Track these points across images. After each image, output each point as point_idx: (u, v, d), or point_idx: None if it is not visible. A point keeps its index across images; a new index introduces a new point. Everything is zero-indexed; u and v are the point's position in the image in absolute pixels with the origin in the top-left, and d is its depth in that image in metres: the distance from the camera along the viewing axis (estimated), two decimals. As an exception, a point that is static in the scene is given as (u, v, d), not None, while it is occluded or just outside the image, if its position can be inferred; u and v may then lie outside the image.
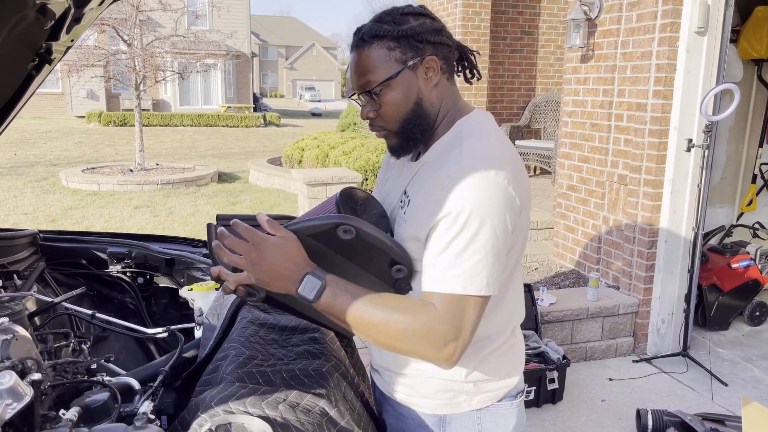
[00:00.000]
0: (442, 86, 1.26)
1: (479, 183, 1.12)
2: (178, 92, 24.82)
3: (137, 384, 1.45)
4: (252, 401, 1.11)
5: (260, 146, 16.27)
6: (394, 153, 1.32)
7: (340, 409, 1.20)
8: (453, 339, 1.12)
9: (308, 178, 6.26)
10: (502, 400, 1.33)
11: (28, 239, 2.01)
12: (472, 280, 1.12)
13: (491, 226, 1.12)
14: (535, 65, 7.61)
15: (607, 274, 4.24)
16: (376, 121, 1.27)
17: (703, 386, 3.53)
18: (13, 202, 8.39)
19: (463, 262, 1.12)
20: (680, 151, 3.66)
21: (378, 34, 1.20)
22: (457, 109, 1.29)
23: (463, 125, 1.26)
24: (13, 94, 1.96)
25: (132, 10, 9.71)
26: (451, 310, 1.13)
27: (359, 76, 1.23)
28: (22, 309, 1.39)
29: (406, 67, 1.21)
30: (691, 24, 3.52)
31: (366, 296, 1.14)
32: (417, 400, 1.33)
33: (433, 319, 1.13)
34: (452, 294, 1.12)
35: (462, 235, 1.12)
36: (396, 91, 1.22)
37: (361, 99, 1.26)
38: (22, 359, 1.16)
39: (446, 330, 1.12)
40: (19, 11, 1.55)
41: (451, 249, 1.12)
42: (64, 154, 13.59)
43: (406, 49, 1.20)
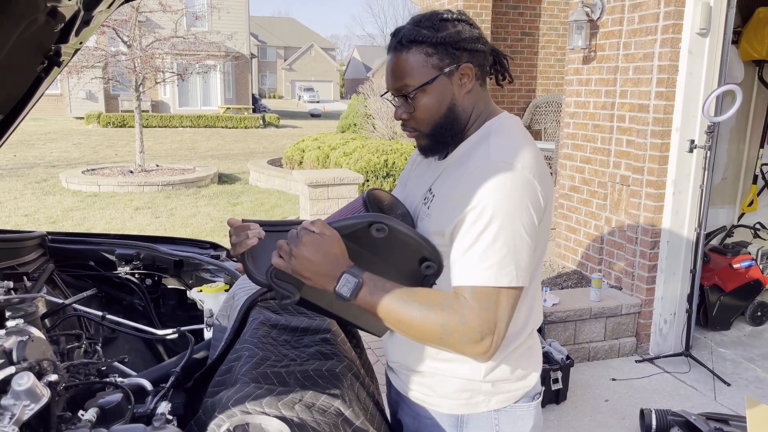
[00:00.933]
0: (475, 92, 1.29)
1: (506, 176, 1.15)
2: (177, 93, 24.81)
3: (149, 385, 1.45)
4: (268, 401, 1.11)
5: (260, 147, 16.28)
6: (423, 153, 1.36)
7: (354, 410, 1.21)
8: (489, 332, 1.14)
9: (310, 179, 6.27)
10: (519, 401, 1.34)
11: (36, 241, 2.02)
12: (503, 271, 1.14)
13: (518, 218, 1.14)
14: (535, 66, 7.62)
15: (609, 275, 4.25)
16: (408, 122, 1.31)
17: (705, 386, 3.54)
18: (14, 203, 8.38)
19: (492, 255, 1.13)
20: (682, 152, 3.68)
21: (417, 39, 1.23)
22: (488, 112, 1.32)
23: (492, 124, 1.30)
24: (22, 96, 1.97)
25: (132, 12, 9.71)
26: (484, 303, 1.14)
27: (396, 78, 1.26)
28: (35, 311, 1.40)
29: (443, 73, 1.24)
30: (693, 25, 3.53)
31: (402, 293, 1.16)
32: (434, 400, 1.33)
33: (469, 313, 1.14)
34: (484, 287, 1.14)
35: (490, 227, 1.13)
36: (431, 96, 1.25)
37: (395, 100, 1.30)
38: (39, 360, 1.16)
39: (482, 323, 1.13)
40: (31, 14, 1.55)
41: (480, 242, 1.14)
42: (64, 155, 13.59)
43: (443, 56, 1.23)
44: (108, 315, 1.75)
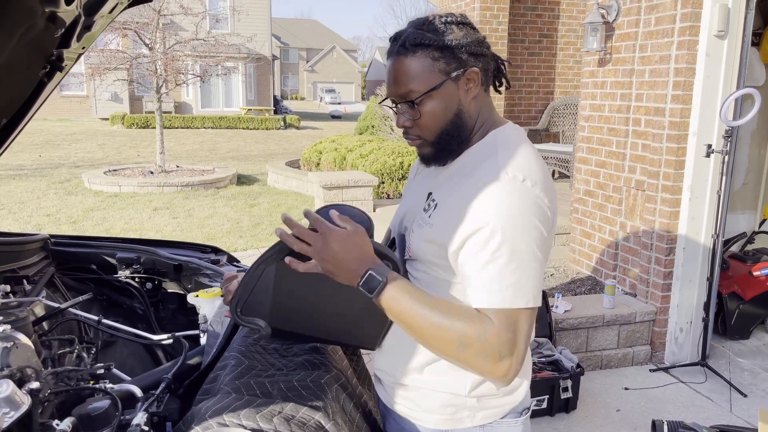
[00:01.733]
0: (480, 98, 1.25)
1: (517, 194, 1.13)
2: (199, 95, 25.07)
3: (139, 391, 1.45)
4: (246, 413, 1.10)
5: (279, 148, 16.36)
6: (426, 161, 1.31)
7: (337, 422, 1.19)
8: (508, 354, 1.11)
9: (324, 181, 6.28)
10: (506, 417, 1.31)
11: (38, 244, 2.03)
12: (521, 291, 1.12)
13: (530, 236, 1.12)
14: (553, 68, 7.54)
15: (624, 281, 4.17)
16: (412, 130, 1.26)
17: (721, 397, 3.46)
18: (37, 203, 8.52)
19: (510, 275, 1.11)
20: (699, 156, 3.60)
21: (422, 42, 1.18)
22: (492, 120, 1.29)
23: (498, 135, 1.26)
24: (25, 100, 1.99)
25: (154, 15, 9.82)
26: (504, 324, 1.12)
27: (399, 84, 1.21)
28: (26, 315, 1.41)
29: (450, 78, 1.19)
30: (710, 27, 3.45)
31: (425, 298, 1.14)
32: (419, 414, 1.31)
33: (489, 331, 1.11)
34: (504, 309, 1.12)
35: (504, 247, 1.11)
36: (437, 102, 1.21)
37: (398, 107, 1.25)
38: (21, 368, 1.16)
39: (501, 344, 1.11)
40: (29, 19, 1.56)
41: (496, 262, 1.11)
42: (88, 156, 13.80)
43: (450, 60, 1.19)
44: (104, 319, 1.76)
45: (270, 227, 7.27)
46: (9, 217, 7.63)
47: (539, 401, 3.22)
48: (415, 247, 1.26)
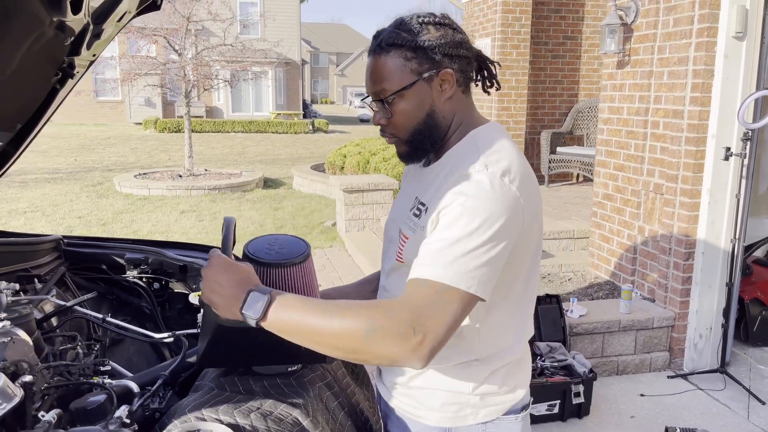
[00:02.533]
0: (456, 99, 1.25)
1: (491, 186, 1.11)
2: (230, 99, 25.46)
3: (136, 387, 1.50)
4: (225, 409, 1.13)
5: (307, 152, 16.52)
6: (402, 159, 1.33)
7: (316, 420, 1.21)
8: (422, 329, 1.03)
9: (345, 184, 6.33)
10: (507, 414, 1.32)
11: (52, 245, 2.11)
12: (463, 275, 1.07)
13: (493, 229, 1.09)
14: (578, 70, 7.47)
15: (642, 286, 4.11)
16: (387, 128, 1.27)
17: (739, 404, 3.38)
18: (69, 205, 8.77)
19: (456, 256, 1.08)
20: (718, 159, 3.53)
21: (396, 42, 1.19)
22: (471, 120, 1.29)
23: (478, 134, 1.26)
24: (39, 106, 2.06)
25: (183, 21, 10.03)
26: (426, 298, 1.06)
27: (374, 82, 1.23)
28: (29, 312, 1.46)
29: (421, 78, 1.20)
30: (728, 28, 3.39)
31: (318, 303, 1.09)
32: (422, 412, 1.32)
33: (398, 307, 1.05)
34: (434, 281, 1.07)
35: (460, 229, 1.09)
36: (409, 101, 1.21)
37: (374, 105, 1.27)
38: (15, 361, 1.22)
39: (413, 317, 1.04)
40: (37, 28, 1.63)
41: (446, 240, 1.09)
42: (121, 159, 14.13)
43: (422, 61, 1.19)
44: (110, 318, 1.81)
45: (293, 230, 7.35)
46: (42, 219, 7.87)
47: (551, 406, 3.20)
48: (408, 252, 1.24)
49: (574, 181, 7.62)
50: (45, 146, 15.94)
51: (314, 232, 7.21)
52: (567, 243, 5.14)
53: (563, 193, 6.92)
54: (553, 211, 5.84)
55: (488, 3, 6.87)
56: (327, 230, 7.26)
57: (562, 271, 4.78)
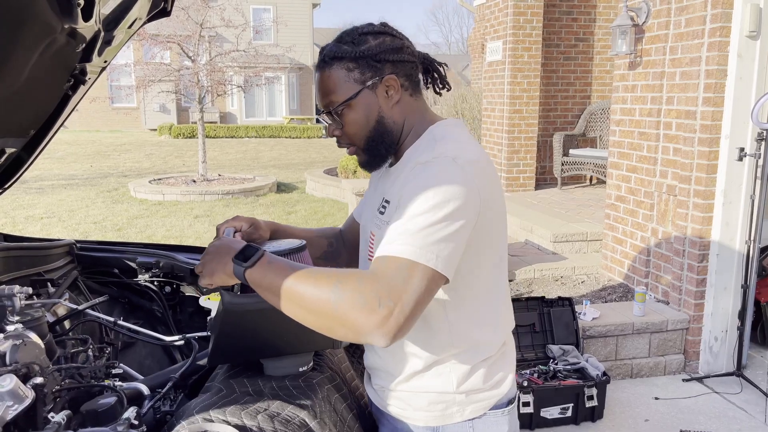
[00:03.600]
0: (404, 103, 1.29)
1: (444, 168, 1.15)
2: (243, 105, 25.62)
3: (147, 390, 1.51)
4: (232, 410, 1.14)
5: (320, 157, 16.56)
6: (364, 168, 1.37)
7: (323, 421, 1.22)
8: (388, 301, 1.03)
9: (356, 188, 6.34)
10: (494, 409, 1.34)
11: (65, 249, 2.13)
12: (425, 249, 1.08)
13: (450, 207, 1.11)
14: (590, 72, 7.43)
15: (656, 288, 4.08)
16: (342, 138, 1.32)
17: (756, 408, 3.34)
18: (85, 211, 8.86)
19: (414, 232, 1.09)
20: (732, 160, 3.50)
21: (337, 55, 1.24)
22: (425, 121, 1.32)
23: (435, 130, 1.30)
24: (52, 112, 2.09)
25: (196, 27, 10.12)
26: (392, 273, 1.06)
27: (322, 96, 1.28)
28: (41, 315, 1.48)
29: (365, 87, 1.24)
30: (742, 28, 3.36)
31: (302, 269, 1.12)
32: (410, 413, 1.34)
33: (367, 279, 1.06)
34: (400, 257, 1.08)
35: (416, 208, 1.11)
36: (356, 110, 1.26)
37: (326, 118, 1.32)
38: (27, 363, 1.24)
39: (379, 289, 1.04)
40: (49, 35, 1.65)
41: (404, 219, 1.11)
42: (136, 165, 14.26)
43: (364, 70, 1.24)
44: (122, 321, 1.83)
45: (305, 234, 7.37)
46: (59, 225, 7.96)
47: (564, 409, 3.18)
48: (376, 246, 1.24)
49: (587, 184, 7.57)
50: (61, 153, 16.14)
51: (327, 236, 7.22)
52: (580, 245, 5.11)
53: (576, 195, 6.89)
54: (566, 214, 5.80)
55: (499, 6, 6.86)
56: (339, 234, 7.27)
57: (575, 274, 4.75)
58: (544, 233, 5.21)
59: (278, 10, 24.38)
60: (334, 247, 1.62)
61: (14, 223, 8.03)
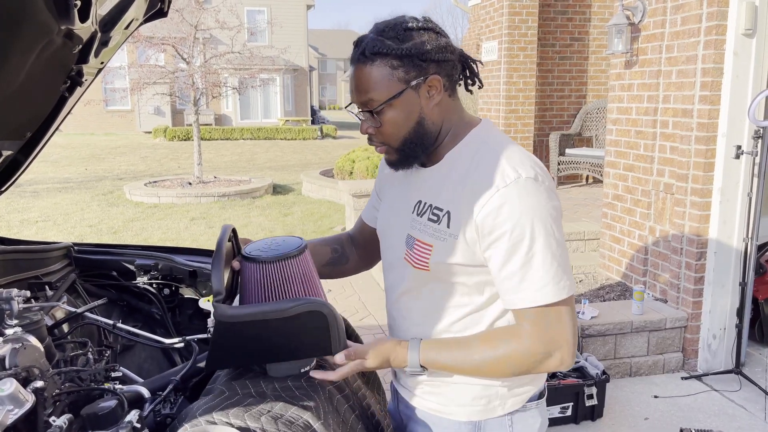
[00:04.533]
0: (444, 103, 1.24)
1: (533, 193, 1.16)
2: (239, 107, 25.58)
3: (147, 392, 1.50)
4: (235, 412, 1.13)
5: (316, 158, 16.55)
6: (393, 166, 1.31)
7: (327, 422, 1.21)
8: (556, 348, 1.17)
9: (353, 189, 6.33)
10: (529, 401, 1.35)
11: (62, 252, 2.12)
12: (559, 285, 1.16)
13: (553, 229, 1.16)
14: (585, 72, 7.45)
15: (654, 287, 4.08)
16: (376, 137, 1.27)
17: (756, 405, 3.34)
18: (80, 214, 8.83)
19: (546, 272, 1.15)
20: (729, 158, 3.50)
21: (381, 51, 1.18)
22: (462, 122, 1.28)
23: (480, 134, 1.27)
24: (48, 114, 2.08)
25: (190, 29, 10.09)
26: (543, 324, 1.17)
27: (360, 92, 1.22)
28: (40, 319, 1.47)
29: (409, 87, 1.19)
30: (737, 26, 3.37)
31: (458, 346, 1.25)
32: (452, 409, 1.33)
33: (528, 339, 1.17)
34: (542, 306, 1.16)
35: (533, 246, 1.14)
36: (398, 110, 1.21)
37: (361, 115, 1.26)
38: (27, 367, 1.22)
39: (545, 344, 1.17)
40: (45, 36, 1.64)
41: (529, 263, 1.15)
42: (131, 168, 14.22)
43: (409, 69, 1.18)
44: (119, 323, 1.82)
45: (302, 235, 7.36)
46: (54, 228, 7.93)
47: (563, 408, 3.18)
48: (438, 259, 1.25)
49: (583, 183, 7.59)
50: (56, 156, 16.08)
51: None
52: (577, 245, 5.12)
53: (573, 194, 6.89)
54: (563, 213, 5.80)
55: (495, 6, 6.86)
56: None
57: (573, 273, 4.74)
58: (541, 233, 5.20)
59: (272, 11, 24.36)
60: (339, 252, 1.59)
61: (9, 226, 7.99)
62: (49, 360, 1.48)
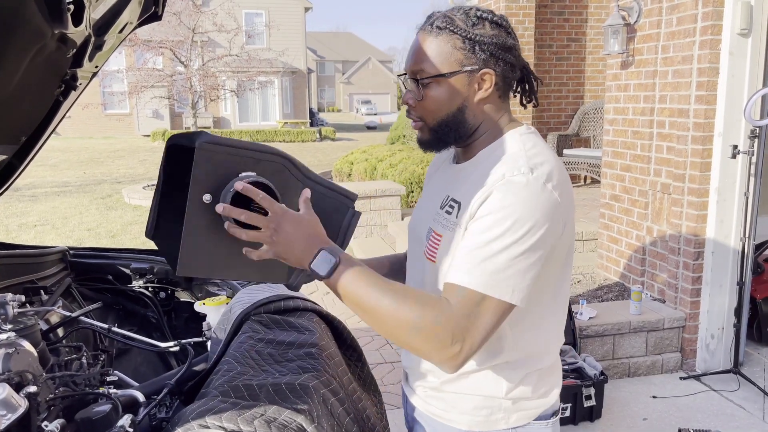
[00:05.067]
0: (491, 101, 1.22)
1: (536, 192, 1.11)
2: (237, 109, 25.59)
3: (142, 396, 1.50)
4: (228, 416, 1.13)
5: (315, 160, 16.54)
6: (422, 146, 1.30)
7: (321, 425, 1.21)
8: (460, 339, 1.08)
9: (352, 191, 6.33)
10: (538, 419, 1.30)
11: (58, 256, 2.12)
12: (501, 283, 1.09)
13: (535, 237, 1.10)
14: (583, 72, 7.45)
15: (652, 287, 4.08)
16: (415, 110, 1.24)
17: (754, 405, 3.34)
18: (79, 218, 8.82)
19: (497, 264, 1.09)
20: (725, 157, 3.50)
21: (449, 27, 1.17)
22: (504, 123, 1.26)
23: (515, 135, 1.24)
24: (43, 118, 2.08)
25: (188, 33, 10.10)
26: (466, 309, 1.08)
27: (415, 61, 1.21)
28: (34, 323, 1.47)
29: (462, 71, 1.18)
30: (733, 26, 3.38)
31: (379, 281, 1.11)
32: (453, 416, 1.30)
33: (445, 314, 1.08)
34: (474, 291, 1.09)
35: (504, 237, 1.09)
36: (443, 89, 1.19)
37: (408, 83, 1.24)
38: (20, 372, 1.22)
39: (455, 327, 1.07)
40: (39, 41, 1.64)
41: (490, 247, 1.09)
42: (130, 171, 14.21)
43: (470, 54, 1.17)
44: (117, 328, 1.82)
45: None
46: (52, 232, 7.92)
47: (562, 409, 3.17)
48: (442, 251, 1.23)
49: (581, 183, 7.59)
50: (54, 160, 16.07)
51: (322, 239, 7.22)
52: (576, 245, 5.12)
53: (571, 195, 6.89)
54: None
55: (491, 7, 6.87)
56: (335, 237, 7.26)
57: (572, 274, 4.75)
58: (539, 233, 5.21)
59: (271, 14, 24.37)
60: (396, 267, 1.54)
61: (7, 231, 7.99)
62: (44, 365, 1.48)
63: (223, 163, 1.13)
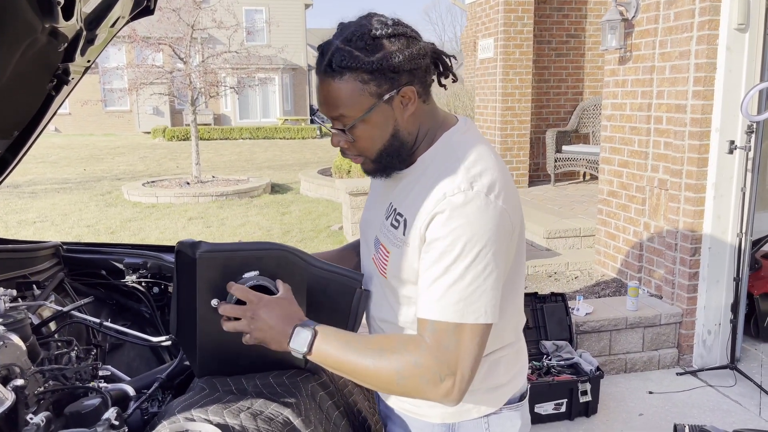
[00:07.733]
0: (419, 111, 1.19)
1: (478, 208, 1.09)
2: (237, 106, 25.58)
3: (132, 391, 1.50)
4: (214, 409, 1.13)
5: (315, 157, 16.54)
6: (370, 175, 1.28)
7: (308, 419, 1.20)
8: (449, 373, 1.09)
9: (351, 187, 6.33)
10: (508, 404, 1.32)
11: (50, 251, 2.12)
12: (470, 307, 1.09)
13: (490, 252, 1.09)
14: (582, 68, 7.44)
15: (649, 283, 4.08)
16: (350, 150, 1.21)
17: (751, 401, 3.34)
18: (78, 215, 8.83)
19: (461, 290, 1.08)
20: (722, 153, 3.50)
21: (350, 65, 1.10)
22: (437, 124, 1.24)
23: (452, 138, 1.21)
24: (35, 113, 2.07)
25: (187, 29, 10.08)
26: (444, 342, 1.09)
27: (330, 107, 1.15)
28: (23, 317, 1.47)
29: (382, 101, 1.13)
30: (730, 21, 3.36)
31: (355, 341, 1.14)
32: (425, 411, 1.30)
33: (425, 354, 1.09)
34: (447, 322, 1.09)
35: (460, 261, 1.08)
36: (371, 125, 1.15)
37: (333, 129, 1.20)
38: (7, 365, 1.22)
39: (439, 364, 1.08)
40: (30, 35, 1.64)
41: (449, 275, 1.08)
42: (129, 168, 14.21)
43: (381, 82, 1.11)
44: (107, 322, 1.82)
45: (300, 234, 7.36)
46: (51, 229, 7.92)
47: (558, 405, 3.18)
48: (393, 268, 1.22)
49: (580, 180, 7.58)
50: (55, 157, 16.08)
51: (321, 236, 7.22)
52: (574, 241, 5.11)
53: (570, 191, 6.89)
54: (559, 210, 5.80)
55: (490, 3, 6.85)
56: (334, 234, 7.27)
57: (569, 270, 4.75)
58: (537, 230, 5.21)
59: (270, 11, 24.35)
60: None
61: (7, 227, 7.99)
62: (33, 359, 1.47)
63: (225, 267, 1.20)
